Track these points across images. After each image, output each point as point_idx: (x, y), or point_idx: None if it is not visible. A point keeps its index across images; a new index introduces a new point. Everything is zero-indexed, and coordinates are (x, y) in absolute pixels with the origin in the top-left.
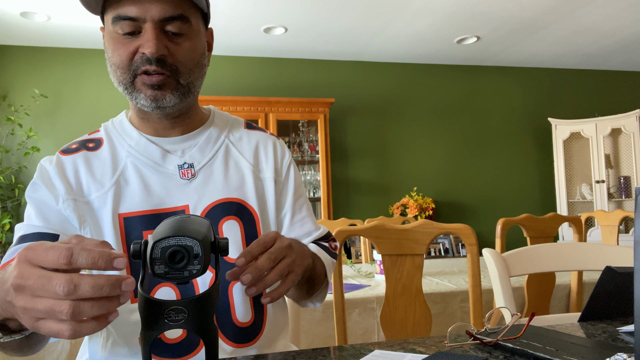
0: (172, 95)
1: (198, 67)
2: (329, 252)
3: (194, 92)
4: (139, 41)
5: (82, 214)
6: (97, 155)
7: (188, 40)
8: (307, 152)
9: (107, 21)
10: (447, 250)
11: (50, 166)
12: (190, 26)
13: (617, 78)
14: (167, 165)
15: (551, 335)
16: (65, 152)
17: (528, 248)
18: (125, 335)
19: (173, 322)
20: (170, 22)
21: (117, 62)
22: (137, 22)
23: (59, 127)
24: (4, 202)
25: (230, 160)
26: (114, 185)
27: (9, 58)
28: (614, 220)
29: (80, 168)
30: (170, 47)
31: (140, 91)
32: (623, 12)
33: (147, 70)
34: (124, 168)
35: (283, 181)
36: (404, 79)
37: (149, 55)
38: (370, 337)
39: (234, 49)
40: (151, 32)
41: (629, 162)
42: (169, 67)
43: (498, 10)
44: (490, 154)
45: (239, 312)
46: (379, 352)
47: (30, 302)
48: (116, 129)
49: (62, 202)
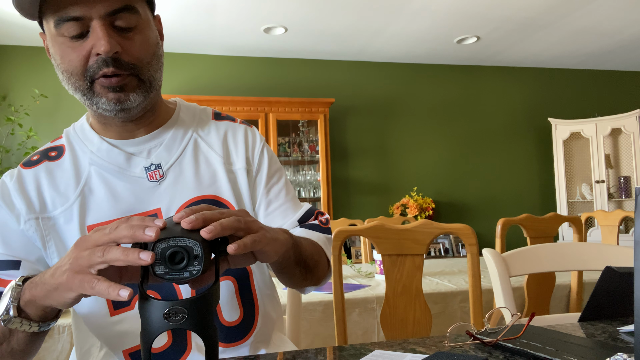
0: (136, 94)
1: (155, 59)
2: (320, 229)
3: (156, 87)
4: (90, 42)
5: (46, 232)
6: (59, 165)
7: (139, 33)
8: (307, 152)
9: (48, 25)
10: (447, 250)
11: (11, 182)
12: (139, 17)
13: (617, 78)
14: (133, 169)
15: (551, 335)
16: (26, 165)
17: (528, 248)
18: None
19: (173, 322)
20: (117, 15)
21: (69, 68)
22: (83, 21)
23: (59, 127)
24: None
25: (200, 156)
26: (79, 196)
27: (9, 58)
28: (614, 220)
29: (43, 182)
30: (123, 44)
31: (100, 95)
32: (623, 12)
33: (105, 74)
34: (88, 177)
35: (255, 170)
36: (404, 79)
37: (103, 54)
38: (370, 337)
39: (234, 49)
40: (100, 30)
41: (629, 162)
42: (127, 66)
43: (498, 10)
44: (490, 154)
45: (225, 311)
46: (379, 352)
47: (89, 244)
48: (77, 135)
49: (24, 222)
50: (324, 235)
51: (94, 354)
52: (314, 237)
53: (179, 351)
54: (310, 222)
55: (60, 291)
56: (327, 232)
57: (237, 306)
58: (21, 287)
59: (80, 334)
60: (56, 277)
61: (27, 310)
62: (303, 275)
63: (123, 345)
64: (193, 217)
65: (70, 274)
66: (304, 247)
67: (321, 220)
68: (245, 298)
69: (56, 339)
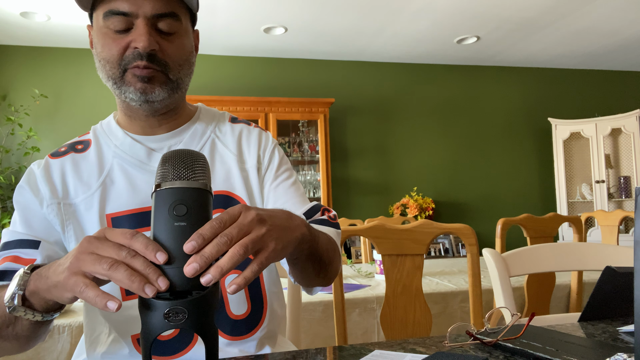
0: (161, 89)
1: (187, 64)
2: (329, 224)
3: (182, 89)
4: (131, 37)
5: (66, 217)
6: (84, 157)
7: (178, 38)
8: (307, 152)
9: (97, 17)
10: (447, 250)
11: (38, 170)
12: (180, 24)
13: (617, 78)
14: (153, 163)
15: (551, 335)
16: (54, 155)
17: (528, 248)
18: (124, 332)
19: (173, 322)
20: (161, 19)
21: (107, 56)
22: (129, 17)
23: (59, 127)
24: (4, 202)
25: (216, 154)
26: (100, 186)
27: (9, 58)
28: (614, 220)
29: (67, 171)
30: (160, 43)
31: (129, 84)
32: (623, 12)
33: (138, 65)
34: (110, 169)
35: (265, 167)
36: (404, 79)
37: (141, 50)
38: (370, 337)
39: (234, 49)
40: (143, 28)
41: (629, 162)
42: (159, 62)
43: (498, 10)
44: (490, 154)
45: (232, 304)
46: (379, 352)
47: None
48: (104, 130)
49: (47, 206)
50: (334, 230)
51: (102, 340)
52: (326, 231)
53: (184, 342)
54: (319, 217)
55: (59, 289)
56: (336, 227)
57: (245, 300)
58: (28, 275)
59: (90, 321)
60: (57, 275)
61: (32, 300)
62: (316, 271)
63: (132, 330)
64: (196, 265)
65: (67, 274)
66: (320, 240)
67: (330, 216)
68: (253, 293)
69: (56, 339)
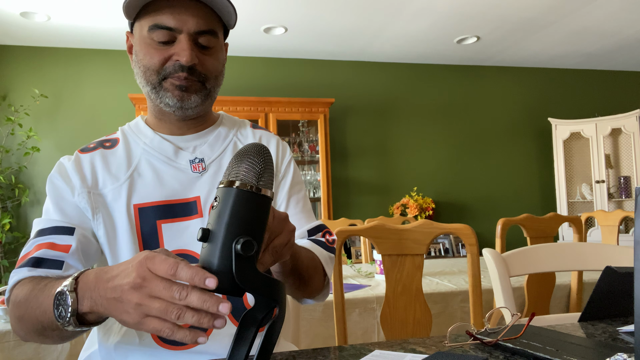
0: (197, 96)
1: (220, 77)
2: (325, 246)
3: (213, 98)
4: (173, 49)
5: (96, 205)
6: (113, 153)
7: (214, 53)
8: (307, 152)
9: (140, 27)
10: (447, 250)
11: (69, 163)
12: (217, 40)
13: (617, 78)
14: (180, 160)
15: (551, 335)
16: (83, 150)
17: (528, 248)
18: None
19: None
20: (202, 35)
21: (148, 64)
22: (173, 32)
23: (59, 127)
24: (4, 202)
25: None
26: (128, 178)
27: (9, 58)
28: (614, 220)
29: (97, 164)
30: (200, 57)
31: (167, 91)
32: (623, 12)
33: (178, 76)
34: (139, 163)
35: (281, 178)
36: (404, 79)
37: (183, 63)
38: (370, 337)
39: (234, 49)
40: (186, 43)
41: (629, 162)
42: (198, 75)
43: (498, 10)
44: (490, 153)
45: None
46: (379, 352)
47: (147, 300)
48: (132, 130)
49: (77, 194)
50: (327, 253)
51: (115, 330)
52: (316, 252)
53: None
54: (317, 238)
55: (127, 323)
56: (331, 251)
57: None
58: (75, 293)
59: None
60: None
61: (87, 318)
62: (296, 285)
63: None
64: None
65: (137, 319)
66: (301, 257)
67: (328, 239)
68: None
69: None
